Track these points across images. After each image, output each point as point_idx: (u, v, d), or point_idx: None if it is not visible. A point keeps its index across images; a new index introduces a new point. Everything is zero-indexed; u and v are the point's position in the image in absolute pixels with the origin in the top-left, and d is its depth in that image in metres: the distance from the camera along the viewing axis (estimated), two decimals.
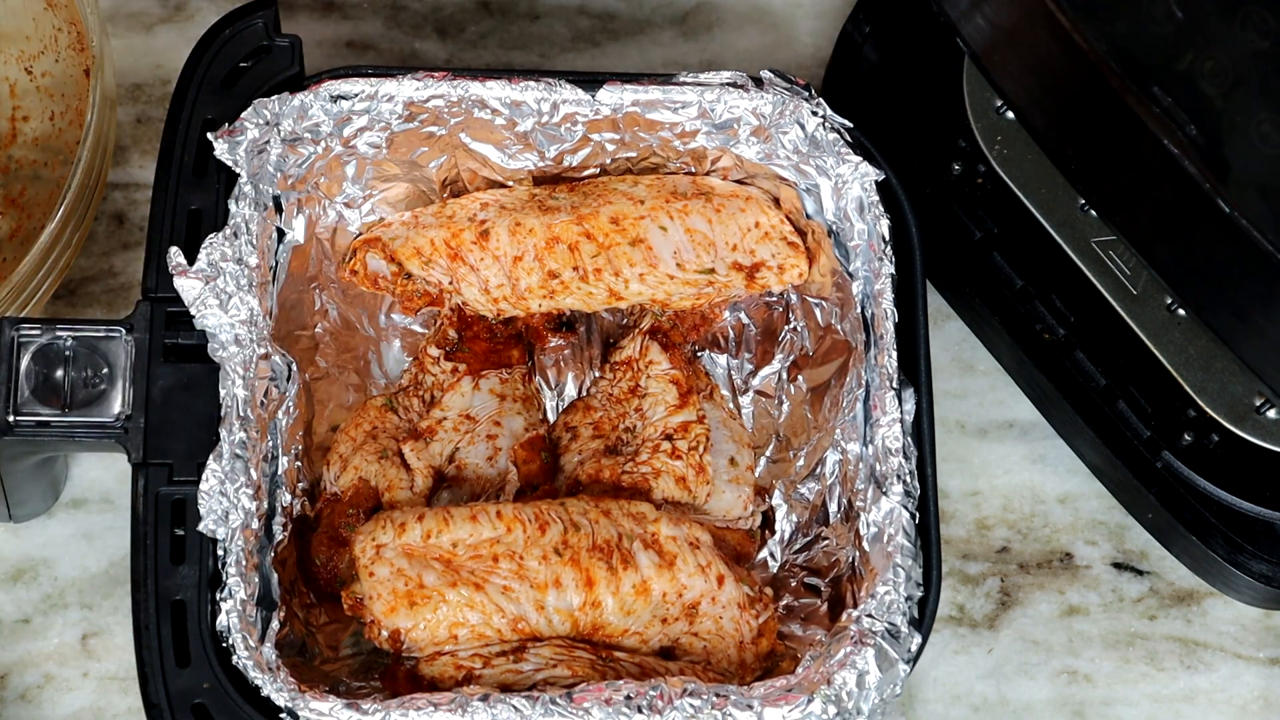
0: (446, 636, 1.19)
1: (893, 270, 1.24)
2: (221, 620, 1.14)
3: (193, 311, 1.19)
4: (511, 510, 1.21)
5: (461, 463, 1.28)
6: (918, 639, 1.16)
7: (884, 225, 1.25)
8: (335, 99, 1.25)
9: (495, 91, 1.26)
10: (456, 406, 1.30)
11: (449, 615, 1.18)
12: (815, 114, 1.26)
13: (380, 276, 1.29)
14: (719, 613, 1.21)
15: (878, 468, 1.20)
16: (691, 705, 1.13)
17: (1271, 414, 1.29)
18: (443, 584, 1.18)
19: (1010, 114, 1.35)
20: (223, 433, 1.17)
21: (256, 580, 1.16)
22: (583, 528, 1.20)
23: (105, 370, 1.19)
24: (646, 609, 1.20)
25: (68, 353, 1.19)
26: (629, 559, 1.20)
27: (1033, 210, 1.34)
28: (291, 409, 1.23)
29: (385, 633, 1.19)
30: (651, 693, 1.13)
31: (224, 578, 1.15)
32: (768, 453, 1.32)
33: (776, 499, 1.31)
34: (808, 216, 1.28)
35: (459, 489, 1.28)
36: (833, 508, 1.26)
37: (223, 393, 1.18)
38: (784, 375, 1.33)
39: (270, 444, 1.21)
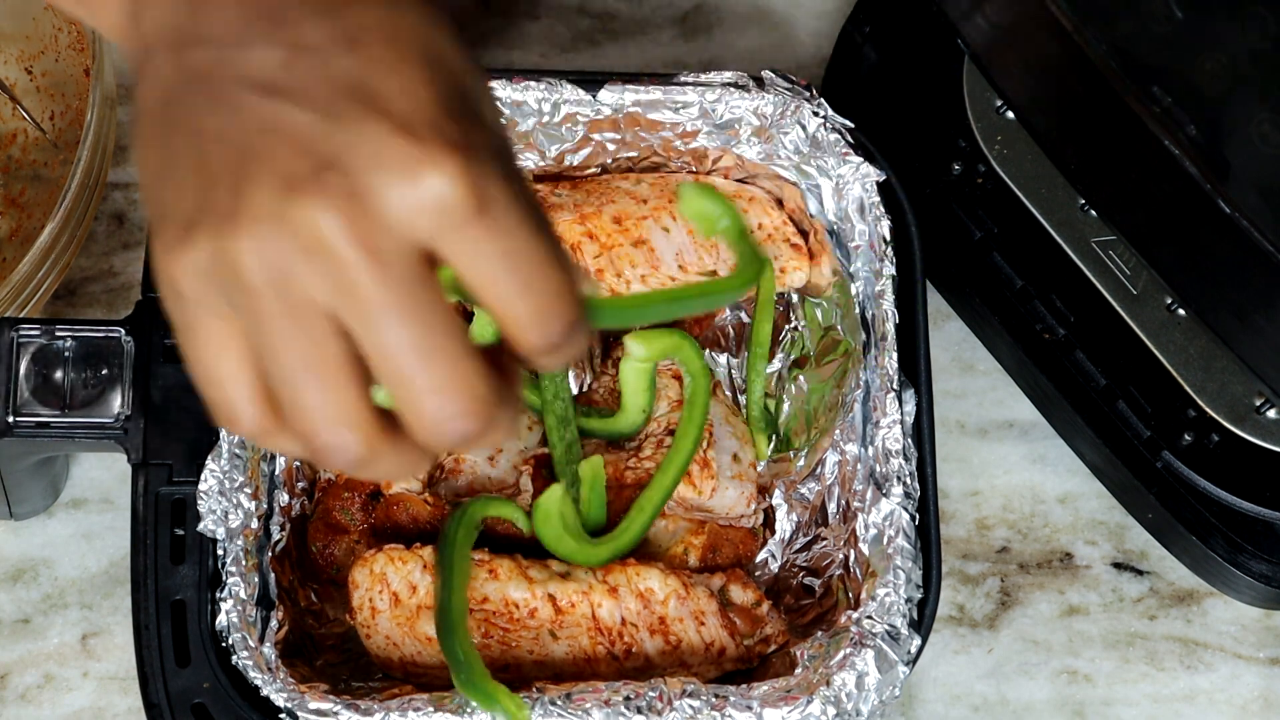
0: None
1: (893, 271, 1.24)
2: (221, 620, 1.14)
3: None
4: (525, 594, 1.20)
5: (460, 456, 1.28)
6: (917, 641, 1.16)
7: (885, 226, 1.25)
8: None
9: (496, 91, 1.26)
10: None
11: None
12: (816, 114, 1.26)
13: None
14: (709, 669, 1.22)
15: (877, 469, 1.21)
16: (691, 706, 1.13)
17: (1271, 414, 1.29)
18: (435, 662, 1.19)
19: (1010, 114, 1.35)
20: (222, 433, 1.17)
21: (256, 580, 1.16)
22: (580, 607, 1.20)
23: (105, 371, 1.19)
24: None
25: (67, 353, 1.19)
26: (631, 648, 1.20)
27: (1033, 210, 1.34)
28: None
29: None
30: (651, 694, 1.13)
31: (224, 578, 1.15)
32: (767, 452, 1.32)
33: (777, 499, 1.31)
34: (810, 216, 1.29)
35: (454, 481, 1.28)
36: (831, 508, 1.26)
37: None
38: (784, 375, 1.33)
39: None
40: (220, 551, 1.16)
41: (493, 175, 0.74)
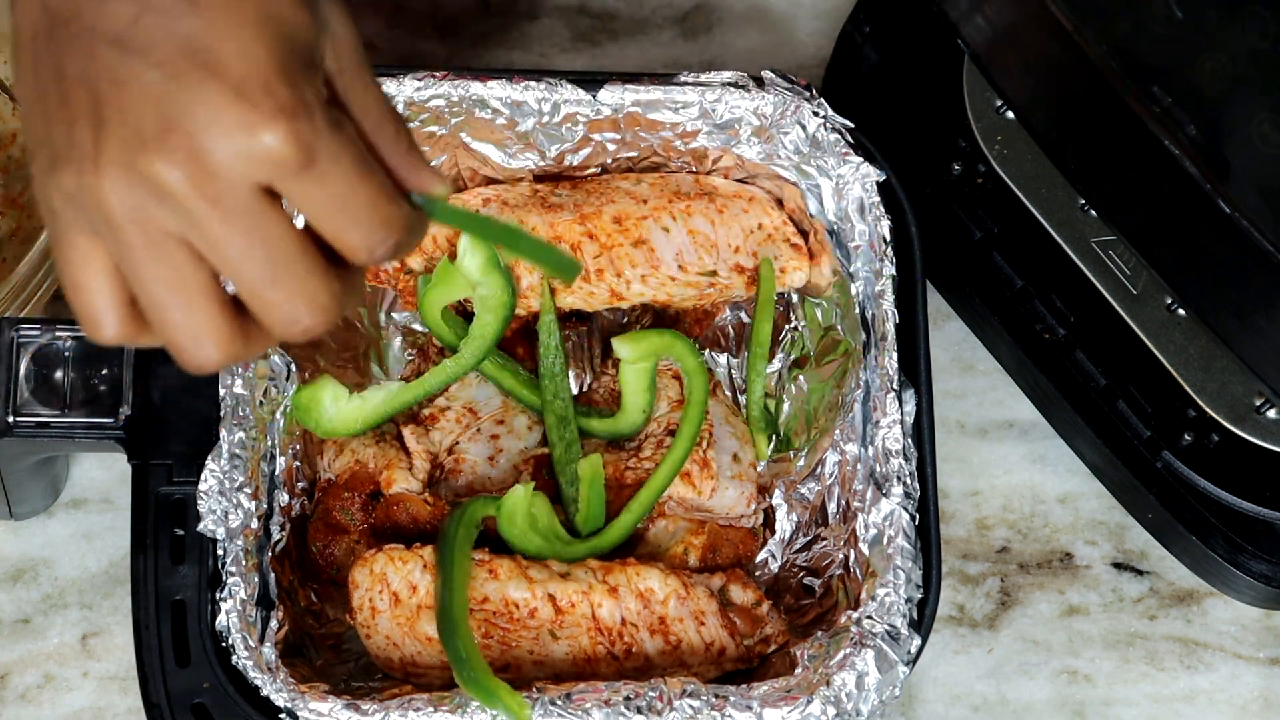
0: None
1: (893, 271, 1.24)
2: (221, 620, 1.14)
3: None
4: (524, 593, 1.20)
5: (460, 456, 1.28)
6: (917, 641, 1.16)
7: (885, 226, 1.25)
8: None
9: (496, 91, 1.26)
10: (461, 397, 1.29)
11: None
12: (816, 114, 1.26)
13: (382, 269, 1.29)
14: (709, 669, 1.22)
15: (877, 469, 1.21)
16: (691, 706, 1.13)
17: (1271, 414, 1.29)
18: (435, 662, 1.19)
19: (1010, 114, 1.35)
20: (222, 433, 1.17)
21: (256, 580, 1.16)
22: (580, 607, 1.19)
23: (105, 371, 1.19)
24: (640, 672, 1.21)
25: (67, 353, 1.19)
26: (631, 648, 1.19)
27: (1033, 210, 1.34)
28: (290, 408, 1.23)
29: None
30: (651, 694, 1.13)
31: (224, 578, 1.15)
32: (767, 452, 1.32)
33: (777, 499, 1.31)
34: (810, 216, 1.29)
35: (454, 481, 1.28)
36: (831, 508, 1.26)
37: (222, 392, 1.18)
38: (784, 375, 1.33)
39: (269, 443, 1.21)
40: (220, 551, 1.16)
41: (320, 130, 0.82)
